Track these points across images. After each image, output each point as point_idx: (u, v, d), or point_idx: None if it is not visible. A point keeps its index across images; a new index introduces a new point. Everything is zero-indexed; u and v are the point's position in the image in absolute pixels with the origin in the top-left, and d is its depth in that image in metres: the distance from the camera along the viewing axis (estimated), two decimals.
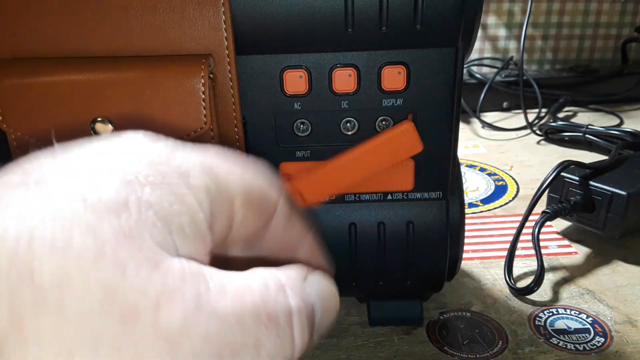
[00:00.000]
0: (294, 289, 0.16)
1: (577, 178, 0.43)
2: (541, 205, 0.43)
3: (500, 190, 0.56)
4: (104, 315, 0.12)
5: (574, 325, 0.34)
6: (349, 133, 0.28)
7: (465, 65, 0.24)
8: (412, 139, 0.27)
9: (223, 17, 0.24)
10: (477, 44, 0.92)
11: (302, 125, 0.28)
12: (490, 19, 0.91)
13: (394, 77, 0.27)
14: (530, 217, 0.41)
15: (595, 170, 0.44)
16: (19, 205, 0.13)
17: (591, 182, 0.43)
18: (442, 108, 0.28)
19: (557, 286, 0.39)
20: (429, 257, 0.30)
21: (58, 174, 0.14)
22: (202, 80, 0.24)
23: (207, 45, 0.25)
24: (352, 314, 0.35)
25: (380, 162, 0.27)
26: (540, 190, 0.42)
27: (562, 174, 0.44)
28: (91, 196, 0.13)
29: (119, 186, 0.14)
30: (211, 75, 0.25)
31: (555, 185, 0.44)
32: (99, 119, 0.25)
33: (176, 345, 0.13)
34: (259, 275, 0.16)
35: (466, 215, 0.33)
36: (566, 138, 0.67)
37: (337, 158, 0.28)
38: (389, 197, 0.30)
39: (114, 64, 0.24)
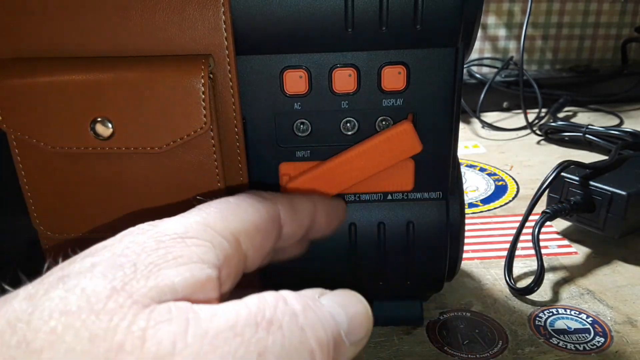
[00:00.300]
0: (298, 299, 0.17)
1: (577, 178, 0.43)
2: (541, 205, 0.43)
3: (500, 190, 0.56)
4: (89, 356, 0.13)
5: (574, 325, 0.34)
6: (349, 133, 0.28)
7: (465, 65, 0.24)
8: (411, 139, 0.27)
9: (223, 17, 0.24)
10: (477, 44, 0.92)
11: (302, 126, 0.28)
12: (490, 19, 0.91)
13: (394, 77, 0.27)
14: (530, 217, 0.41)
15: (595, 170, 0.44)
16: (28, 291, 0.15)
17: (591, 182, 0.43)
18: (442, 108, 0.28)
19: (557, 286, 0.39)
20: (429, 257, 0.30)
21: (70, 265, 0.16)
22: (202, 81, 0.24)
23: (207, 45, 0.25)
24: None
25: (379, 162, 0.27)
26: (540, 190, 0.42)
27: (562, 174, 0.44)
28: (94, 270, 0.15)
29: (114, 257, 0.16)
30: (211, 76, 0.25)
31: (555, 185, 0.44)
32: (99, 119, 0.25)
33: None
34: (256, 295, 0.16)
35: (466, 215, 0.33)
36: (566, 138, 0.67)
37: (335, 158, 0.28)
38: (389, 197, 0.30)
39: (114, 64, 0.24)
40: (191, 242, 0.17)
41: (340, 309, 0.18)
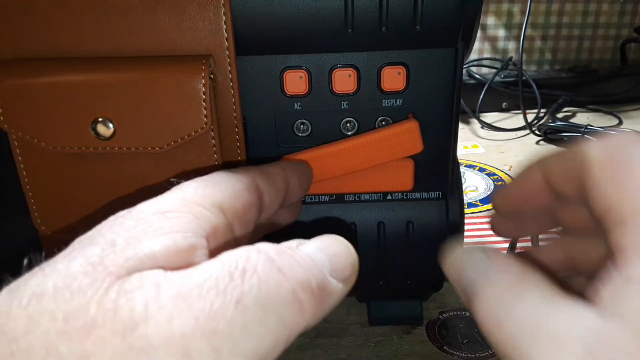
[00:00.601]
0: (272, 247, 0.16)
1: None
2: None
3: None
4: (67, 338, 0.13)
5: None
6: (349, 133, 0.28)
7: (464, 66, 0.24)
8: (415, 138, 0.27)
9: (223, 17, 0.25)
10: (477, 45, 0.92)
11: (302, 126, 0.28)
12: (489, 20, 0.91)
13: (393, 78, 0.27)
14: None
15: None
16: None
17: None
18: (442, 108, 0.28)
19: None
20: (428, 257, 0.31)
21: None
22: (203, 81, 0.24)
23: (208, 45, 0.25)
24: (352, 314, 0.36)
25: (379, 156, 0.28)
26: None
27: None
28: (75, 260, 0.15)
29: (92, 234, 0.16)
30: (212, 76, 0.25)
31: None
32: (100, 119, 0.25)
33: (142, 333, 0.13)
34: (229, 251, 0.16)
35: (466, 215, 0.33)
36: (565, 138, 0.67)
37: (336, 143, 0.28)
38: (389, 197, 0.30)
39: (115, 64, 0.24)
40: (172, 215, 0.17)
41: (319, 251, 0.17)
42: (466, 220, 0.32)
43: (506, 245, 0.41)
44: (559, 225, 0.21)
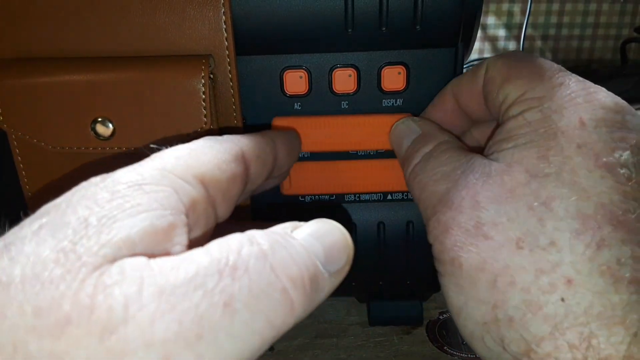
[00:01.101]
0: (266, 237, 0.15)
1: None
2: None
3: None
4: (37, 335, 0.12)
5: None
6: None
7: (465, 66, 0.24)
8: None
9: (223, 17, 0.25)
10: (477, 44, 0.92)
11: None
12: (489, 20, 0.91)
13: (393, 78, 0.27)
14: None
15: None
16: None
17: None
18: None
19: None
20: (429, 257, 0.30)
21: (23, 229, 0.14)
22: (203, 81, 0.24)
23: (208, 45, 0.25)
24: (352, 314, 0.36)
25: (372, 140, 0.28)
26: None
27: None
28: (37, 226, 0.14)
29: (62, 210, 0.14)
30: (211, 76, 0.25)
31: None
32: (99, 119, 0.25)
33: (120, 335, 0.12)
34: (218, 239, 0.15)
35: None
36: None
37: (331, 117, 0.28)
38: (389, 197, 0.30)
39: (115, 64, 0.24)
40: (149, 188, 0.15)
41: (315, 239, 0.16)
42: None
43: None
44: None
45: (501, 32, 0.92)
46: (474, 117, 0.25)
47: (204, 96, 0.24)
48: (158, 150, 0.18)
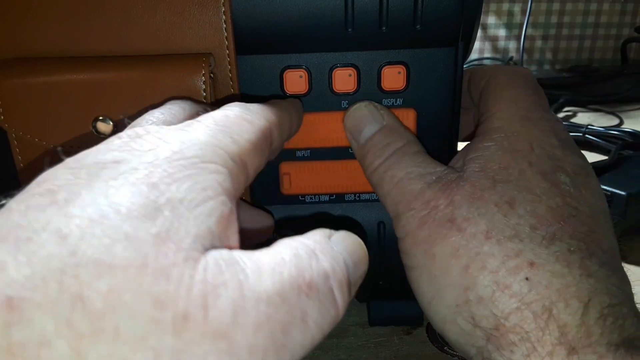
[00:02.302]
0: (324, 251, 0.17)
1: None
2: None
3: None
4: (158, 329, 0.12)
5: None
6: None
7: (465, 65, 0.24)
8: (409, 126, 0.27)
9: (223, 17, 0.25)
10: (477, 44, 0.92)
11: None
12: (490, 19, 0.91)
13: (393, 77, 0.27)
14: None
15: (595, 171, 0.44)
16: (56, 227, 0.13)
17: None
18: (442, 108, 0.28)
19: None
20: None
21: (84, 189, 0.14)
22: (203, 78, 0.24)
23: (208, 45, 0.25)
24: (352, 314, 0.35)
25: None
26: None
27: None
28: (123, 206, 0.13)
29: (147, 190, 0.14)
30: (212, 75, 0.25)
31: None
32: (100, 117, 0.25)
33: (231, 340, 0.13)
34: (287, 246, 0.16)
35: None
36: None
37: (336, 113, 0.28)
38: None
39: (115, 63, 0.24)
40: (213, 168, 0.16)
41: (349, 255, 0.18)
42: None
43: None
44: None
45: (501, 32, 0.92)
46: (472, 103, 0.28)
47: (204, 94, 0.24)
48: (181, 102, 0.19)
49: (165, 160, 0.15)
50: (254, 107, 0.20)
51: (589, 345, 0.18)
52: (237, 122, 0.18)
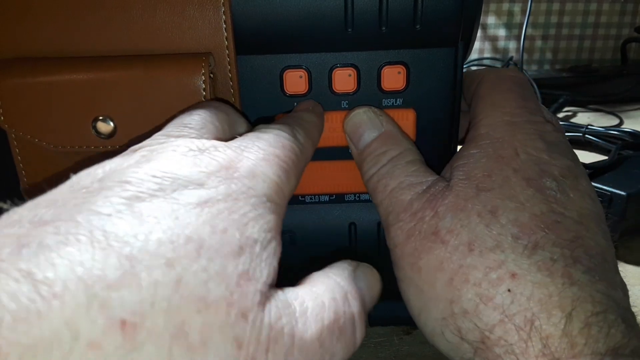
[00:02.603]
0: (355, 295, 0.18)
1: None
2: None
3: None
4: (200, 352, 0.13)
5: None
6: None
7: (465, 65, 0.24)
8: (409, 126, 0.27)
9: (223, 17, 0.25)
10: (477, 44, 0.92)
11: None
12: (490, 19, 0.91)
13: (393, 77, 0.27)
14: None
15: (595, 171, 0.44)
16: (163, 254, 0.13)
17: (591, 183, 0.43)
18: (442, 108, 0.28)
19: None
20: None
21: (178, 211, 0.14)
22: (203, 78, 0.24)
23: (207, 45, 0.25)
24: None
25: None
26: None
27: None
28: (207, 244, 0.14)
29: (232, 229, 0.15)
30: (211, 75, 0.25)
31: None
32: (100, 117, 0.25)
33: None
34: (325, 287, 0.18)
35: None
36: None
37: (337, 112, 0.28)
38: None
39: (115, 63, 0.24)
40: (274, 207, 0.17)
41: (369, 291, 0.20)
42: None
43: None
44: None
45: (501, 32, 0.92)
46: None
47: (204, 93, 0.24)
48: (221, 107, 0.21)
49: (242, 195, 0.16)
50: (302, 134, 0.22)
51: (573, 356, 0.18)
52: (291, 157, 0.20)
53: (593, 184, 0.42)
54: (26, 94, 0.24)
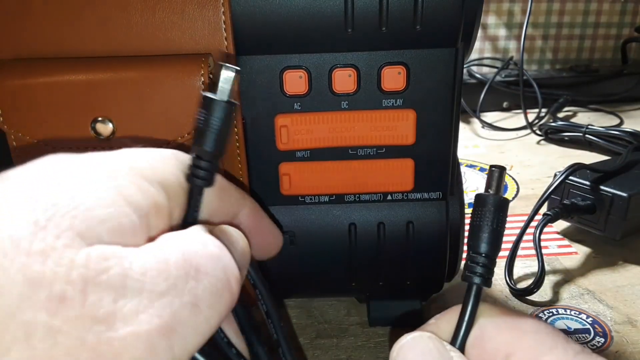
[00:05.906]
0: (215, 243, 0.17)
1: (581, 181, 0.43)
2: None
3: None
4: (30, 306, 0.12)
5: (574, 325, 0.34)
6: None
7: (465, 65, 0.24)
8: (408, 126, 0.27)
9: (223, 17, 0.24)
10: (477, 44, 0.92)
11: None
12: (490, 19, 0.91)
13: (393, 78, 0.27)
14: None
15: (606, 175, 0.44)
16: None
17: (597, 185, 0.43)
18: (442, 108, 0.28)
19: (557, 286, 0.39)
20: (428, 257, 0.30)
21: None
22: (202, 79, 0.24)
23: (207, 45, 0.25)
24: (352, 314, 0.35)
25: (369, 135, 0.28)
26: (546, 194, 0.42)
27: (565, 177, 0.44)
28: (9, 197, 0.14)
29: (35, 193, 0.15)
30: (211, 76, 0.25)
31: (556, 186, 0.44)
32: (99, 118, 0.25)
33: (110, 325, 0.13)
34: (172, 237, 0.16)
35: (466, 215, 0.33)
36: (566, 138, 0.67)
37: (337, 113, 0.28)
38: (389, 197, 0.30)
39: (114, 63, 0.24)
40: (117, 183, 0.16)
41: (240, 237, 0.19)
42: (467, 221, 0.32)
43: (507, 246, 0.41)
44: None
45: (501, 32, 0.92)
46: None
47: None
48: (125, 144, 0.19)
49: (65, 173, 0.16)
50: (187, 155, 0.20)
51: None
52: (161, 157, 0.19)
53: (598, 186, 0.42)
54: (25, 95, 0.24)
